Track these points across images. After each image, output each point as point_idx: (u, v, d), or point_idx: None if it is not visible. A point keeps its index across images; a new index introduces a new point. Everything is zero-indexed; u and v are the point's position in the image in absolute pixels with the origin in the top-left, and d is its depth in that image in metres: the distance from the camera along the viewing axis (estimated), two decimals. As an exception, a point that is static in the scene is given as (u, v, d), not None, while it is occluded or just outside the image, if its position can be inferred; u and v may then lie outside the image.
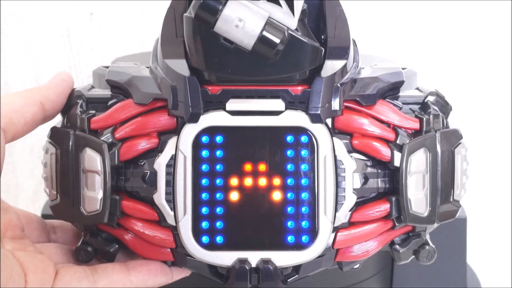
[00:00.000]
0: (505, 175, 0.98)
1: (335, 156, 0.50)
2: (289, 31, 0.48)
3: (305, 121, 0.50)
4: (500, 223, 0.98)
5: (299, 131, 0.50)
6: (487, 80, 0.96)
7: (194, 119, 0.50)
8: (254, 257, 0.51)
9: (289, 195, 0.50)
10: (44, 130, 0.54)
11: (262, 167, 0.50)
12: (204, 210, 0.51)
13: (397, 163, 0.51)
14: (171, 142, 0.51)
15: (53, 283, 0.51)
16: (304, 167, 0.50)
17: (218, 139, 0.50)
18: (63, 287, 0.51)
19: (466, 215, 0.67)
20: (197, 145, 0.50)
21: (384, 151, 0.51)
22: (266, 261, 0.50)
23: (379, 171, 0.52)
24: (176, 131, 0.51)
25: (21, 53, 0.93)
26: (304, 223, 0.51)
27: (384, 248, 0.54)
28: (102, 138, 0.51)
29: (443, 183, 0.52)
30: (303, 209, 0.51)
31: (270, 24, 0.47)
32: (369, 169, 0.52)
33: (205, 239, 0.51)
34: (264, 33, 0.47)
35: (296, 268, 0.52)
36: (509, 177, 0.98)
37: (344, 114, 0.51)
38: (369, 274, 0.62)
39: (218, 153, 0.50)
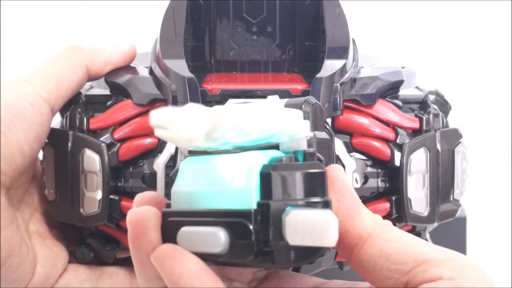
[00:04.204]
0: (505, 175, 0.97)
1: (335, 156, 0.50)
2: None
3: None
4: (500, 222, 0.97)
5: (298, 131, 0.50)
6: (487, 79, 0.96)
7: (194, 119, 0.50)
8: (254, 257, 0.50)
9: (289, 195, 0.50)
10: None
11: (261, 167, 0.50)
12: (204, 210, 0.50)
13: (397, 162, 0.51)
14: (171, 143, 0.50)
15: (57, 279, 0.52)
16: (304, 167, 0.50)
17: (218, 139, 0.50)
18: (64, 286, 0.51)
19: (466, 215, 0.67)
20: (196, 145, 0.50)
21: (384, 150, 0.51)
22: (266, 261, 0.50)
23: (379, 170, 0.52)
24: (175, 131, 0.51)
25: (21, 53, 0.93)
26: (304, 223, 0.50)
27: (384, 248, 0.54)
28: (101, 139, 0.51)
29: (443, 182, 0.52)
30: (303, 209, 0.50)
31: None
32: (369, 169, 0.52)
33: (204, 239, 0.51)
34: None
35: (296, 268, 0.51)
36: (509, 177, 0.97)
37: (344, 114, 0.51)
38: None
39: (218, 153, 0.50)
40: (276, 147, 0.41)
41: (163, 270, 0.38)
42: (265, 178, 0.38)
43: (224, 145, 0.40)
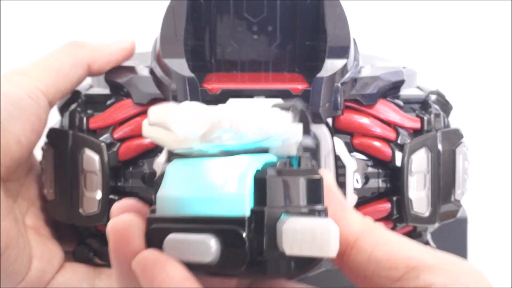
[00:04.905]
0: (506, 175, 0.97)
1: (335, 156, 0.50)
2: None
3: (306, 121, 0.50)
4: (501, 223, 0.97)
5: (299, 130, 0.50)
6: (487, 79, 0.96)
7: (194, 119, 0.49)
8: (254, 258, 0.50)
9: (289, 195, 0.50)
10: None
11: (262, 167, 0.50)
12: (204, 210, 0.50)
13: (398, 162, 0.51)
14: (171, 142, 0.50)
15: (54, 276, 0.51)
16: (304, 167, 0.50)
17: (218, 139, 0.50)
18: (60, 285, 0.51)
19: (466, 215, 0.66)
20: (196, 145, 0.50)
21: (385, 150, 0.51)
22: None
23: (380, 171, 0.51)
24: (175, 131, 0.50)
25: (21, 53, 0.93)
26: (305, 224, 0.50)
27: (385, 248, 0.53)
28: (101, 138, 0.51)
29: (444, 183, 0.52)
30: (304, 209, 0.50)
31: None
32: (370, 169, 0.51)
33: (205, 239, 0.50)
34: None
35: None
36: (510, 177, 0.97)
37: (344, 114, 0.51)
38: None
39: (218, 153, 0.50)
40: (265, 151, 0.39)
41: (142, 276, 0.36)
42: (259, 183, 0.37)
43: (214, 148, 0.38)
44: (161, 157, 0.50)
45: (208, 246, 0.36)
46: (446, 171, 0.52)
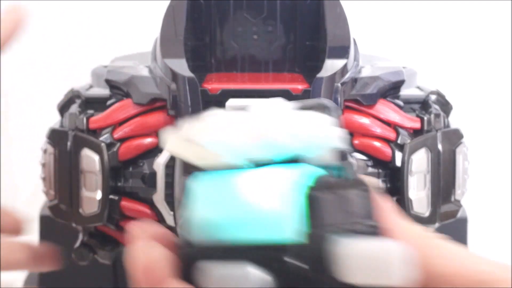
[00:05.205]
0: (506, 175, 0.97)
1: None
2: None
3: (305, 121, 0.49)
4: (501, 223, 0.97)
5: (299, 130, 0.50)
6: (487, 79, 0.96)
7: (194, 119, 0.49)
8: (254, 258, 0.50)
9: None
10: (43, 130, 0.54)
11: (262, 167, 0.50)
12: (204, 210, 0.50)
13: (398, 162, 0.51)
14: (171, 142, 0.50)
15: None
16: (304, 167, 0.50)
17: (218, 139, 0.50)
18: None
19: (466, 215, 0.66)
20: (196, 145, 0.50)
21: (385, 150, 0.51)
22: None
23: (380, 171, 0.51)
24: (175, 131, 0.50)
25: (21, 53, 0.93)
26: (305, 224, 0.50)
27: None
28: (101, 138, 0.51)
29: (444, 183, 0.52)
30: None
31: None
32: (370, 169, 0.51)
33: (204, 239, 0.50)
34: None
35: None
36: (510, 177, 0.97)
37: (344, 114, 0.51)
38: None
39: (218, 153, 0.50)
40: (300, 161, 0.35)
41: None
42: (305, 200, 0.32)
43: (238, 158, 0.34)
44: (161, 157, 0.50)
45: (248, 277, 0.31)
46: (446, 171, 0.52)
